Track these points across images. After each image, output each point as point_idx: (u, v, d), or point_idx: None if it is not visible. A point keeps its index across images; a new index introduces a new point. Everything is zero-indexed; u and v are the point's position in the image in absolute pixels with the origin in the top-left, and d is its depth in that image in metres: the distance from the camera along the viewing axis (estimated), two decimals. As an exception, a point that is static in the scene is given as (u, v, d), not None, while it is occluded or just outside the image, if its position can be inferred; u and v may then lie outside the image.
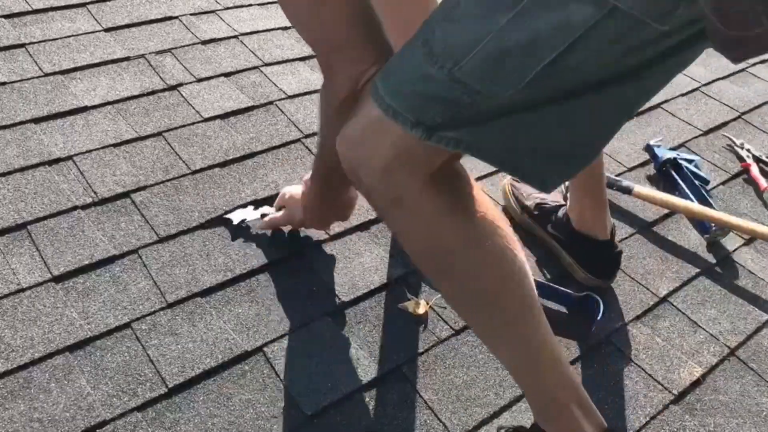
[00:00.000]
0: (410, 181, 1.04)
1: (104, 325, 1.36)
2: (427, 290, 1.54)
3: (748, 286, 1.67)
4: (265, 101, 2.01)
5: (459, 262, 1.09)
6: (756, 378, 1.46)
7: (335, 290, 1.51)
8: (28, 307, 1.38)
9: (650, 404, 1.38)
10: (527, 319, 1.12)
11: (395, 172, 1.04)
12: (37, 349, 1.30)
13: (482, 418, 1.31)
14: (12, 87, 1.90)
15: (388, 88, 1.00)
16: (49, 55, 2.03)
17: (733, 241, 1.79)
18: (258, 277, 1.51)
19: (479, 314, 1.15)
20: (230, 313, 1.43)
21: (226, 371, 1.33)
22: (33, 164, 1.68)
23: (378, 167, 1.04)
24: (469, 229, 1.08)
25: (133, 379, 1.29)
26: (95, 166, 1.71)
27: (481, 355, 1.42)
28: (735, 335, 1.54)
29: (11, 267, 1.44)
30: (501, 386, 1.37)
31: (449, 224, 1.08)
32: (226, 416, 1.26)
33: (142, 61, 2.07)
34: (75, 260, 1.47)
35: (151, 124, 1.86)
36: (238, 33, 2.27)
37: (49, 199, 1.60)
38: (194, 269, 1.50)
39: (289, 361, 1.36)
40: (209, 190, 1.70)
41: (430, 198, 1.06)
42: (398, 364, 1.38)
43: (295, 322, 1.43)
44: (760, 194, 1.98)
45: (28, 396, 1.23)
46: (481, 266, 1.09)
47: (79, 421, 1.21)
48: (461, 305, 1.18)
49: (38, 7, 2.19)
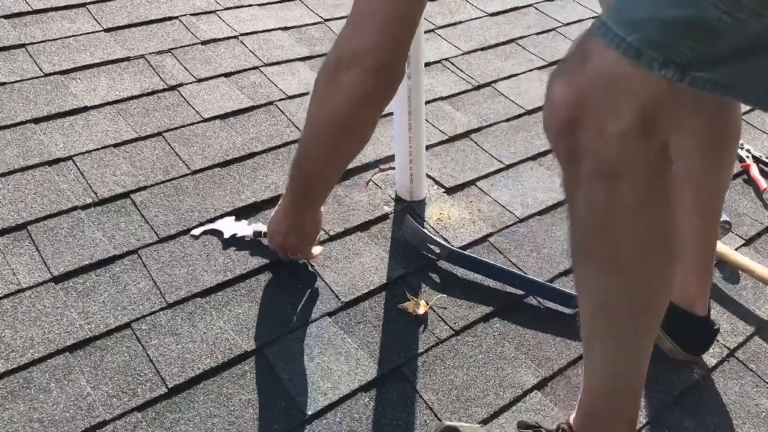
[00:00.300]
0: (645, 150, 0.90)
1: (104, 325, 1.36)
2: (426, 290, 1.54)
3: (748, 286, 1.67)
4: (265, 101, 2.01)
5: (653, 253, 0.99)
6: (755, 379, 1.46)
7: (335, 290, 1.51)
8: (28, 307, 1.38)
9: (650, 404, 1.38)
10: (658, 325, 1.08)
11: (632, 139, 0.88)
12: (37, 349, 1.30)
13: (482, 418, 1.31)
14: (12, 87, 1.90)
15: (624, 22, 0.83)
16: (49, 55, 2.03)
17: (733, 241, 1.79)
18: (258, 277, 1.51)
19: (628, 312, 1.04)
20: (230, 313, 1.43)
21: (226, 371, 1.33)
22: (33, 164, 1.68)
23: (614, 132, 0.87)
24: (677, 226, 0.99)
25: (133, 379, 1.29)
26: (95, 167, 1.71)
27: (481, 355, 1.42)
28: (735, 336, 1.54)
29: (11, 267, 1.44)
30: (501, 386, 1.37)
31: (665, 213, 0.97)
32: (226, 416, 1.26)
33: (142, 61, 2.07)
34: (75, 260, 1.47)
35: (151, 124, 1.86)
36: (238, 33, 2.27)
37: (49, 199, 1.60)
38: (194, 269, 1.50)
39: (289, 361, 1.36)
40: (209, 190, 1.70)
41: (656, 175, 0.93)
42: (398, 365, 1.38)
43: (295, 322, 1.43)
44: (760, 194, 1.98)
45: (28, 396, 1.23)
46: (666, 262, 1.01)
47: (79, 422, 1.21)
48: (612, 300, 1.04)
49: (38, 7, 2.19)
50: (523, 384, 1.37)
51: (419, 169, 1.73)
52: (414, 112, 1.64)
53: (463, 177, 1.86)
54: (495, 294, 1.56)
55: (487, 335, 1.47)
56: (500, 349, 1.44)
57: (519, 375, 1.39)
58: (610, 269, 1.00)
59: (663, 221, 0.98)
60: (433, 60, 2.31)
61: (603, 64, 0.86)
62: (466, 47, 2.41)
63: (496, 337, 1.46)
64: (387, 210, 1.73)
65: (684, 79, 0.82)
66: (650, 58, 0.81)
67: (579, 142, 0.90)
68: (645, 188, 0.93)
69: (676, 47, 0.81)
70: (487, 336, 1.46)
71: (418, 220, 1.70)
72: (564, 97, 0.90)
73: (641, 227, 0.96)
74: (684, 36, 0.80)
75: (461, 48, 2.40)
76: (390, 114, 1.74)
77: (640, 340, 1.07)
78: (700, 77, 0.82)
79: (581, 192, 0.96)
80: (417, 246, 1.62)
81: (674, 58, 0.81)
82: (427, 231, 1.65)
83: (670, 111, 0.89)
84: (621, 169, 0.90)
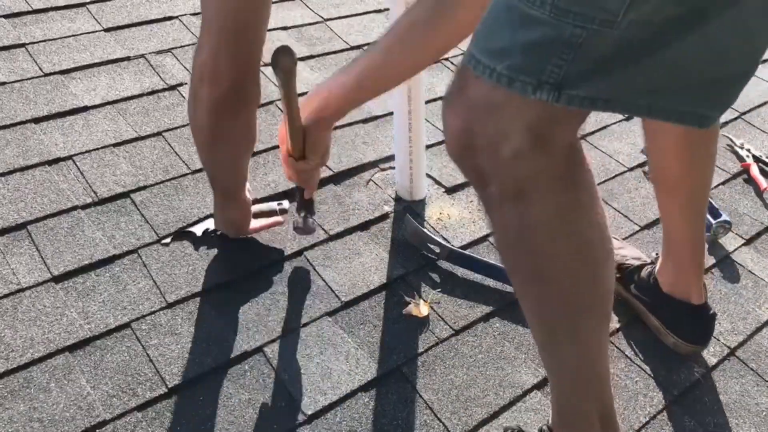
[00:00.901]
0: (547, 163, 0.89)
1: (104, 325, 1.36)
2: (426, 290, 1.54)
3: (748, 286, 1.67)
4: (265, 101, 2.00)
5: (578, 260, 0.97)
6: (756, 378, 1.46)
7: (335, 290, 1.51)
8: (28, 307, 1.38)
9: (650, 404, 1.38)
10: (606, 324, 1.06)
11: (529, 156, 0.88)
12: (37, 349, 1.30)
13: (482, 418, 1.31)
14: (12, 87, 1.90)
15: (488, 52, 0.84)
16: (49, 55, 2.03)
17: (733, 241, 1.79)
18: (258, 277, 1.51)
19: (566, 320, 1.03)
20: (230, 313, 1.43)
21: (226, 371, 1.33)
22: (33, 164, 1.68)
23: (507, 153, 0.87)
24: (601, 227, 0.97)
25: (133, 379, 1.29)
26: (95, 166, 1.71)
27: (481, 355, 1.42)
28: (735, 335, 1.54)
29: (11, 267, 1.44)
30: (501, 386, 1.37)
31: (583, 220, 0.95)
32: (226, 416, 1.26)
33: (142, 61, 2.07)
34: (75, 260, 1.47)
35: (150, 124, 1.86)
36: (238, 33, 2.27)
37: (48, 199, 1.60)
38: (194, 269, 1.50)
39: (289, 361, 1.36)
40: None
41: (567, 183, 0.92)
42: (398, 365, 1.38)
43: (295, 322, 1.43)
44: (760, 194, 1.98)
45: (28, 396, 1.23)
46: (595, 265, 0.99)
47: (79, 421, 1.21)
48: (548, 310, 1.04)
49: (38, 7, 2.19)
50: (523, 384, 1.37)
51: (419, 168, 1.73)
52: (414, 112, 1.63)
53: (463, 177, 1.86)
54: (495, 294, 1.56)
55: (487, 335, 1.47)
56: (500, 348, 1.44)
57: (519, 375, 1.39)
58: (536, 282, 1.01)
59: (582, 227, 0.96)
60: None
61: (480, 94, 0.87)
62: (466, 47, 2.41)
63: (496, 337, 1.46)
64: (387, 210, 1.73)
65: (560, 99, 0.81)
66: (523, 84, 0.82)
67: (477, 167, 0.92)
68: (556, 200, 0.92)
69: (543, 68, 0.80)
70: (487, 336, 1.46)
71: (418, 220, 1.70)
72: (453, 124, 0.93)
73: (560, 239, 0.95)
74: (548, 55, 0.80)
75: (461, 48, 2.40)
76: (390, 114, 1.74)
77: (586, 344, 1.06)
78: (575, 95, 0.81)
79: (494, 214, 0.98)
80: (417, 246, 1.62)
81: (546, 78, 0.81)
82: (427, 231, 1.65)
83: (561, 122, 0.88)
84: (526, 188, 0.90)
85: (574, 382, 1.11)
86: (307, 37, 2.33)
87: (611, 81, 0.81)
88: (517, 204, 0.92)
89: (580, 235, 0.96)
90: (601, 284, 1.01)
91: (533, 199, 0.91)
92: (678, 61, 0.81)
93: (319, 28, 2.39)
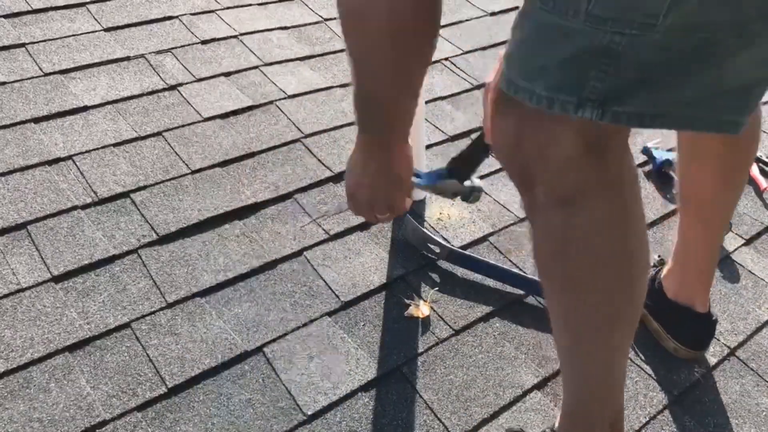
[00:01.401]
0: (598, 171, 0.86)
1: (104, 325, 1.36)
2: (426, 290, 1.54)
3: (748, 286, 1.67)
4: (265, 101, 2.00)
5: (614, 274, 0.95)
6: (756, 378, 1.46)
7: (335, 290, 1.51)
8: (28, 307, 1.38)
9: (650, 404, 1.38)
10: (633, 332, 1.05)
11: (577, 163, 0.85)
12: (37, 349, 1.30)
13: (482, 418, 1.31)
14: (12, 87, 1.90)
15: (526, 74, 0.81)
16: (49, 54, 2.02)
17: (733, 241, 1.79)
18: (258, 277, 1.51)
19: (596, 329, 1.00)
20: (230, 313, 1.43)
21: (226, 371, 1.33)
22: (33, 164, 1.68)
23: (557, 158, 0.86)
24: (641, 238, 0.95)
25: (133, 379, 1.29)
26: (95, 166, 1.71)
27: (481, 355, 1.42)
28: (735, 335, 1.54)
29: (11, 267, 1.44)
30: (501, 386, 1.37)
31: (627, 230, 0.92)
32: (226, 416, 1.26)
33: (142, 61, 2.07)
34: (75, 260, 1.47)
35: (151, 123, 1.86)
36: (238, 33, 2.27)
37: (48, 199, 1.60)
38: (194, 269, 1.50)
39: (289, 361, 1.36)
40: (209, 190, 1.70)
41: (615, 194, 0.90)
42: (398, 364, 1.38)
43: (295, 322, 1.43)
44: (760, 194, 1.98)
45: (28, 396, 1.23)
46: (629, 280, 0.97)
47: (79, 421, 1.21)
48: (578, 317, 1.01)
49: (38, 7, 2.19)
50: (523, 384, 1.37)
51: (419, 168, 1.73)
52: (414, 112, 1.63)
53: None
54: (495, 294, 1.56)
55: (487, 335, 1.47)
56: (500, 348, 1.44)
57: (519, 375, 1.39)
58: (571, 290, 0.98)
59: (624, 241, 0.94)
60: (433, 60, 2.31)
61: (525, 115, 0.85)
62: (466, 47, 2.41)
63: (496, 337, 1.46)
64: (387, 210, 1.73)
65: (604, 116, 0.77)
66: (563, 103, 0.78)
67: (526, 170, 0.90)
68: (603, 210, 0.90)
69: (584, 84, 0.76)
70: (487, 336, 1.46)
71: (418, 220, 1.70)
72: (504, 125, 0.91)
73: (600, 250, 0.93)
74: (587, 68, 0.76)
75: (461, 48, 2.40)
76: (390, 114, 1.73)
77: (612, 352, 1.04)
78: (621, 111, 0.77)
79: (538, 218, 0.96)
80: (417, 246, 1.62)
81: (587, 95, 0.77)
82: (427, 231, 1.65)
83: (612, 129, 0.84)
84: (574, 194, 0.89)
85: (593, 388, 1.10)
86: (307, 36, 2.33)
87: (658, 93, 0.76)
88: (564, 209, 0.90)
89: (622, 246, 0.94)
90: (635, 296, 0.99)
91: (581, 206, 0.89)
92: (726, 68, 0.76)
93: (319, 28, 2.39)
